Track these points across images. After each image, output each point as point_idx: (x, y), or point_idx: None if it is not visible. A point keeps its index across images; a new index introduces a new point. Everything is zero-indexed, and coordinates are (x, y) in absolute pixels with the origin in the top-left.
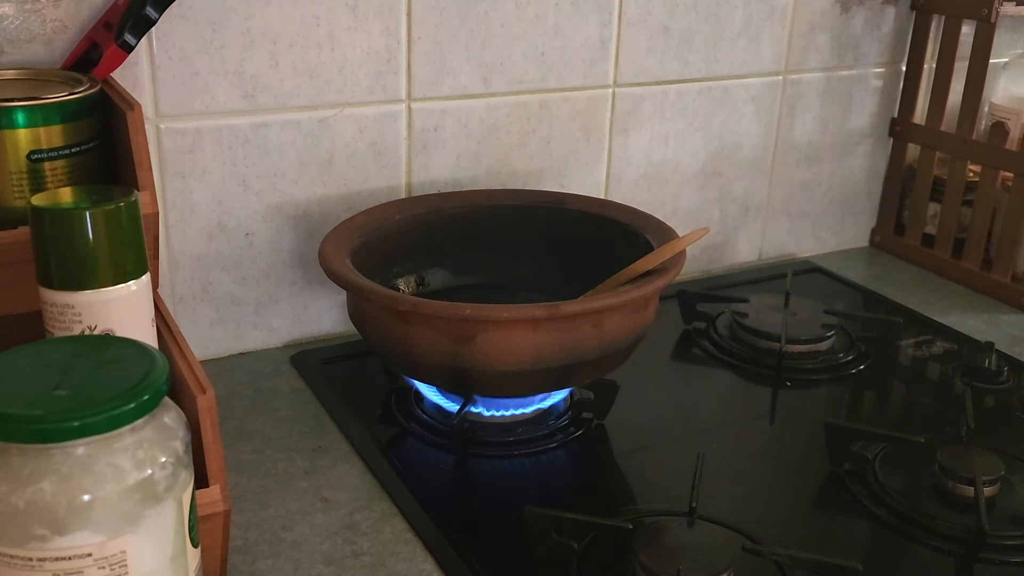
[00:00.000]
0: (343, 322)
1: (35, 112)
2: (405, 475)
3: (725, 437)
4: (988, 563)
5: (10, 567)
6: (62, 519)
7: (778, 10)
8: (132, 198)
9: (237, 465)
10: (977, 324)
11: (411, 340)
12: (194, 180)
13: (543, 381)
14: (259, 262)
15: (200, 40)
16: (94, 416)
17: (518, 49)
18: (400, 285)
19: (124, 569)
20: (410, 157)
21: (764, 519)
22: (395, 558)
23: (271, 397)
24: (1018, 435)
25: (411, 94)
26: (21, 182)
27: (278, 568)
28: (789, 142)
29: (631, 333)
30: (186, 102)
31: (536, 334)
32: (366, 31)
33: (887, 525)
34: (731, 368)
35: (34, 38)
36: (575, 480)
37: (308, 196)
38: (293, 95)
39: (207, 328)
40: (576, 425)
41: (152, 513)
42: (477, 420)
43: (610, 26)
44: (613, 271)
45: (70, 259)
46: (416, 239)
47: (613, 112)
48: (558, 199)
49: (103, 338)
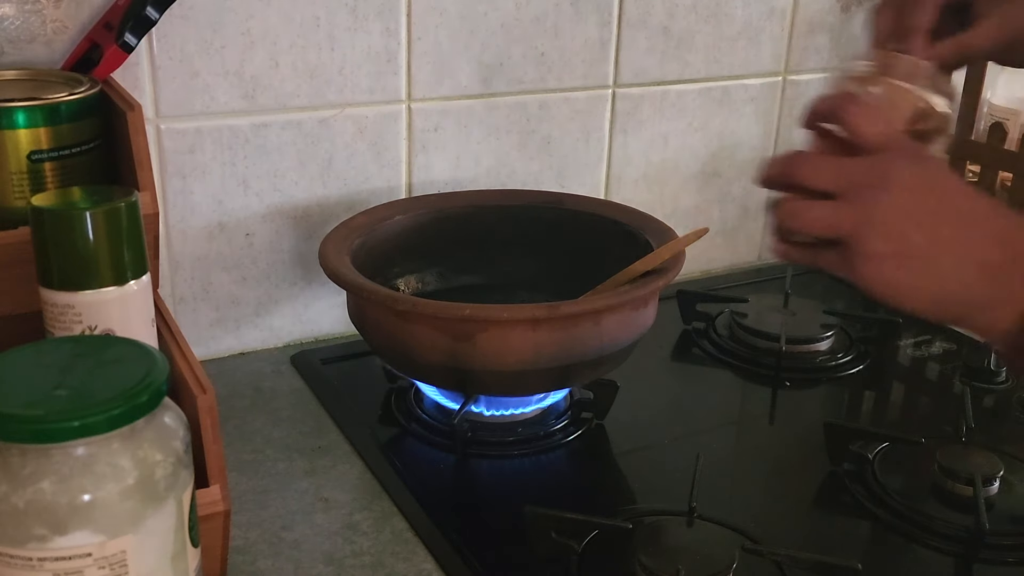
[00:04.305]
0: (343, 322)
1: (35, 112)
2: (405, 475)
3: (725, 437)
4: (987, 563)
5: (10, 567)
6: (62, 519)
7: (778, 10)
8: (132, 198)
9: (237, 465)
10: None
11: (411, 340)
12: (194, 180)
13: (543, 381)
14: (259, 262)
15: (200, 40)
16: (94, 416)
17: (518, 49)
18: (400, 285)
19: (124, 569)
20: (410, 157)
21: (764, 519)
22: (395, 558)
23: (271, 397)
24: (1017, 435)
25: (411, 94)
26: (21, 182)
27: (278, 568)
28: (789, 143)
29: (631, 333)
30: (186, 102)
31: (536, 334)
32: (366, 31)
33: (886, 525)
34: (731, 368)
35: (34, 38)
36: (575, 480)
37: (308, 196)
38: (293, 95)
39: (207, 328)
40: (576, 425)
41: (152, 513)
42: (477, 420)
43: (610, 26)
44: (613, 271)
45: (70, 259)
46: (416, 239)
47: (613, 112)
48: (558, 199)
49: (103, 338)
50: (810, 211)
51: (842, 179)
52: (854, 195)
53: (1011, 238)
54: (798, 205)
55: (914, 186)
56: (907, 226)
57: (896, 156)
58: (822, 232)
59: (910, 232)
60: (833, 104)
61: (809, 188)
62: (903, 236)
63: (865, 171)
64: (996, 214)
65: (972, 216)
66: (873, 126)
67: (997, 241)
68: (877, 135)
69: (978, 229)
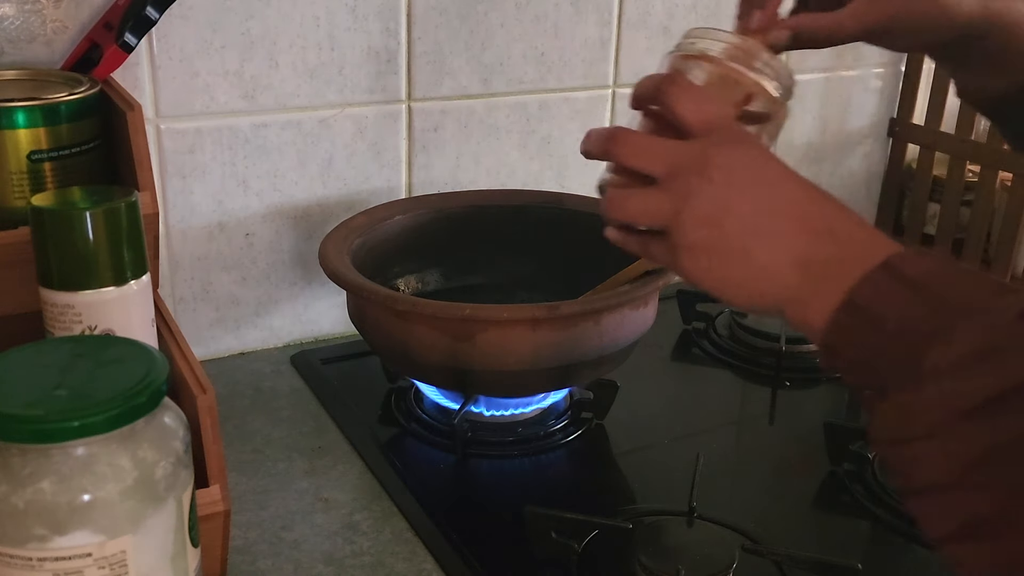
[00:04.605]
0: (343, 322)
1: (35, 112)
2: (405, 475)
3: (725, 437)
4: None
5: (10, 567)
6: (62, 519)
7: None
8: (132, 198)
9: (237, 465)
10: None
11: (411, 340)
12: (194, 180)
13: (543, 381)
14: (259, 262)
15: (200, 40)
16: (94, 416)
17: (518, 49)
18: (400, 285)
19: (124, 569)
20: (410, 157)
21: (764, 519)
22: (395, 558)
23: (271, 397)
24: None
25: (411, 94)
26: (21, 182)
27: (278, 568)
28: (789, 142)
29: (631, 333)
30: (186, 102)
31: (536, 334)
32: (366, 31)
33: (886, 525)
34: (730, 368)
35: (34, 38)
36: (575, 480)
37: (308, 196)
38: (293, 95)
39: (207, 328)
40: (576, 425)
41: (152, 513)
42: (477, 420)
43: (610, 26)
44: (613, 271)
45: (70, 259)
46: (416, 239)
47: (613, 112)
48: (558, 199)
49: (103, 338)
50: (630, 201)
51: (661, 163)
52: (673, 182)
53: (828, 230)
54: (620, 194)
55: (734, 175)
56: (723, 217)
57: (719, 141)
58: (644, 221)
59: (726, 223)
60: (656, 84)
61: (629, 169)
62: (719, 227)
63: (685, 156)
64: (817, 206)
65: (792, 208)
66: (696, 108)
67: (814, 235)
68: (700, 118)
69: (797, 222)
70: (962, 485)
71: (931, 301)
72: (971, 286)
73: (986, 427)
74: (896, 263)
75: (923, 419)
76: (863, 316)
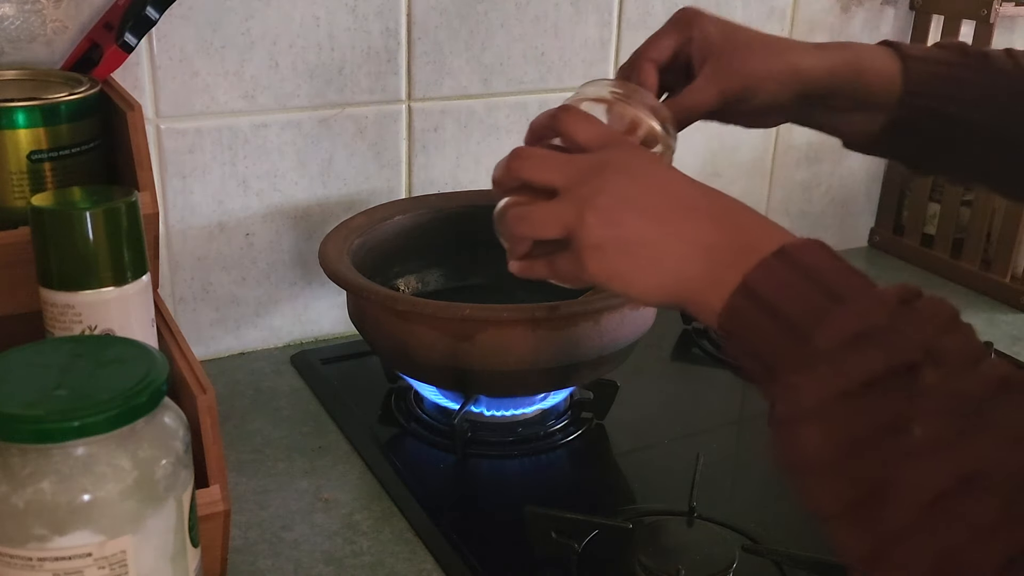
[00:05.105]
0: (343, 322)
1: (35, 112)
2: (405, 475)
3: (725, 437)
4: None
5: (10, 567)
6: (62, 519)
7: (778, 10)
8: (132, 198)
9: (237, 465)
10: (976, 324)
11: (411, 340)
12: (194, 180)
13: (543, 381)
14: (259, 262)
15: (200, 40)
16: (94, 416)
17: (518, 49)
18: (400, 285)
19: (124, 569)
20: (410, 157)
21: (764, 519)
22: (395, 558)
23: (271, 397)
24: None
25: (411, 94)
26: (21, 182)
27: (278, 568)
28: (788, 142)
29: (631, 333)
30: (186, 102)
31: (536, 334)
32: (366, 31)
33: None
34: (731, 368)
35: (34, 38)
36: (575, 480)
37: (308, 196)
38: (293, 95)
39: (207, 328)
40: (576, 425)
41: (152, 513)
42: (477, 420)
43: (610, 26)
44: None
45: (70, 259)
46: (416, 239)
47: None
48: None
49: (103, 338)
50: (534, 213)
51: (561, 173)
52: (574, 189)
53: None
54: (523, 209)
55: (632, 172)
56: (625, 212)
57: (614, 148)
58: (550, 231)
59: (628, 218)
60: (551, 114)
61: (534, 184)
62: (622, 222)
63: (584, 163)
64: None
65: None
66: (589, 127)
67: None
68: (594, 135)
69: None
70: (841, 466)
71: (820, 287)
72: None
73: (864, 408)
74: (790, 250)
75: (807, 400)
76: (756, 300)
